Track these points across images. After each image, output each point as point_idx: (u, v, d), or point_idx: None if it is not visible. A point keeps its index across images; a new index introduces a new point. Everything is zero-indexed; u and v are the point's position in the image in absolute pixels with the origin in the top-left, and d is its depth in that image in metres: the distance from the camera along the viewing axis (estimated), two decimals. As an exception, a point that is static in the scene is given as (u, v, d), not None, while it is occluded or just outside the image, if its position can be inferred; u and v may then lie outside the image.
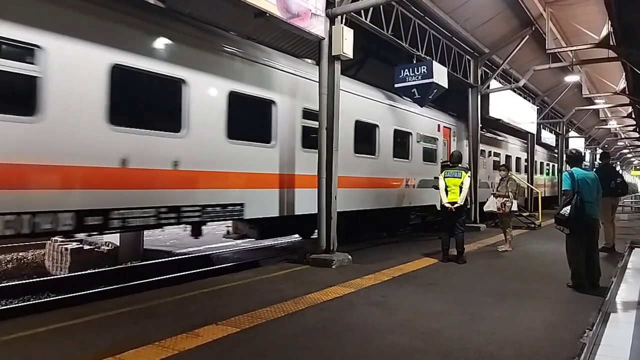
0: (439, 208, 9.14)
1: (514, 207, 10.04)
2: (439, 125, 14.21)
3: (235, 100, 7.50)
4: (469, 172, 8.91)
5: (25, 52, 5.22)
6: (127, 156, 6.00)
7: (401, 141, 12.26)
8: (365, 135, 10.75)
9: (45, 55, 5.31)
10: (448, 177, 8.63)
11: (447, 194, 8.56)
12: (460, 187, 8.50)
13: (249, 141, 7.82)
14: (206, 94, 7.15)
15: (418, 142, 12.93)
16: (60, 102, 5.43)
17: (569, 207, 6.31)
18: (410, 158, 12.63)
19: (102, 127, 5.82)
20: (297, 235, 12.42)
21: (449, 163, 9.09)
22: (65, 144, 5.50)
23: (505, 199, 10.01)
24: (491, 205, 10.41)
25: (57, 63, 5.41)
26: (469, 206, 10.22)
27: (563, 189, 6.64)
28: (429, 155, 13.60)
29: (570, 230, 6.42)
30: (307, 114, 8.92)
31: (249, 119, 8.06)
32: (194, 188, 6.91)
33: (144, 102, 6.63)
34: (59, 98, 5.43)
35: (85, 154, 5.66)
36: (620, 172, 16.15)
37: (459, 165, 8.90)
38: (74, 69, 5.58)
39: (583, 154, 7.49)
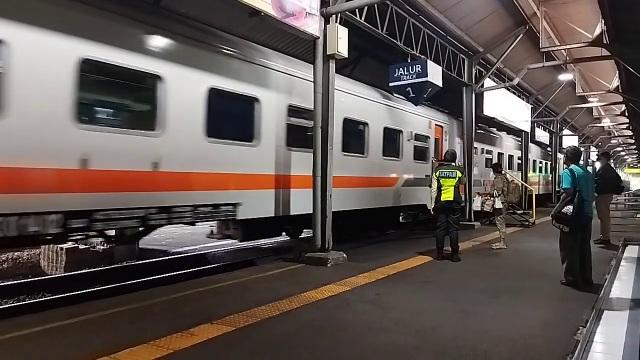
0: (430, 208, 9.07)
1: (498, 205, 10.03)
2: None
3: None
4: (464, 171, 8.93)
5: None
6: None
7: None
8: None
9: None
10: (443, 176, 8.64)
11: (441, 194, 8.59)
12: (455, 187, 8.52)
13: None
14: None
15: None
16: None
17: (570, 206, 6.31)
18: None
19: None
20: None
21: (443, 162, 9.08)
22: None
23: (486, 197, 10.08)
24: (476, 204, 10.50)
25: None
26: (462, 204, 10.19)
27: (563, 186, 6.57)
28: None
29: (569, 228, 6.46)
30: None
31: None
32: None
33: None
34: None
35: None
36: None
37: (453, 163, 8.92)
38: None
39: (581, 152, 7.45)
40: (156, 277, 8.69)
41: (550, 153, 28.65)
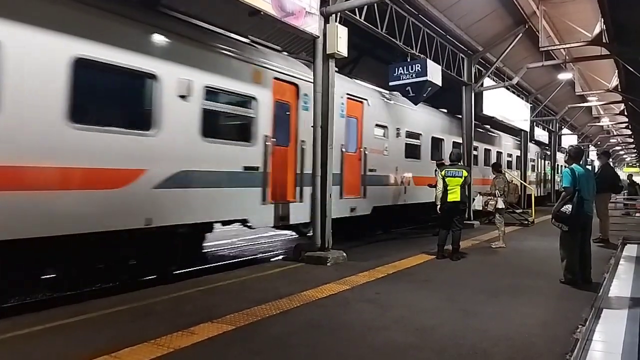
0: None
1: (500, 205, 10.08)
2: None
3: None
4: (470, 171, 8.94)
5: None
6: None
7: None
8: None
9: None
10: (449, 176, 8.59)
11: (447, 194, 8.56)
12: (461, 187, 8.51)
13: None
14: None
15: None
16: None
17: (570, 205, 6.34)
18: None
19: None
20: (293, 233, 12.16)
21: (443, 161, 9.09)
22: None
23: (488, 197, 10.13)
24: (477, 203, 10.53)
25: None
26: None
27: (563, 185, 6.60)
28: None
29: (568, 227, 6.48)
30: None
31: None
32: None
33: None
34: None
35: None
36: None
37: (459, 163, 8.92)
38: None
39: (583, 152, 7.47)
40: (157, 275, 8.69)
41: (549, 152, 28.67)
